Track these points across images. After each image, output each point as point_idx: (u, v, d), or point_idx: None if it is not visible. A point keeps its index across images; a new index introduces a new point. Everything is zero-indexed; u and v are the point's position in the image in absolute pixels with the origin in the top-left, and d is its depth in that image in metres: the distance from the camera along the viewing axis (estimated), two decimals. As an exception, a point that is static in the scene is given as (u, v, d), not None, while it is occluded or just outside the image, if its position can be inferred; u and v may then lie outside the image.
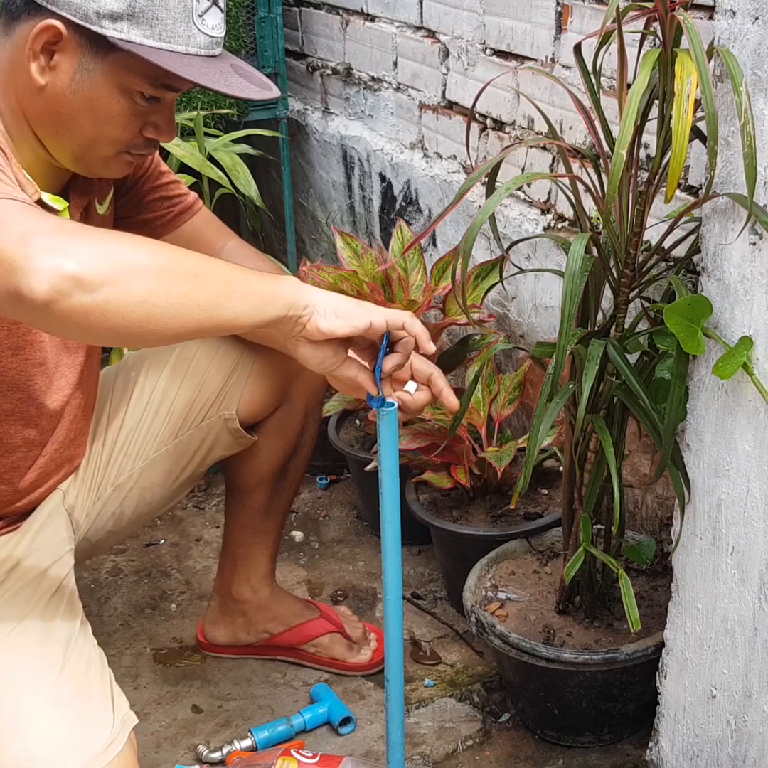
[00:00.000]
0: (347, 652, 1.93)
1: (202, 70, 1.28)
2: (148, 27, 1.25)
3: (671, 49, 1.25)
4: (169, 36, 1.26)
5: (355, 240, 2.29)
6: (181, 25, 1.26)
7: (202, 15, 1.28)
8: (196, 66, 1.27)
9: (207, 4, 1.29)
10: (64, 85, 1.29)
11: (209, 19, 1.29)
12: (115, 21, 1.24)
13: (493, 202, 1.33)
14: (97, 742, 1.24)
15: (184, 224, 1.65)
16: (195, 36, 1.28)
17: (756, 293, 1.26)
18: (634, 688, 1.67)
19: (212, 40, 1.30)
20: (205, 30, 1.29)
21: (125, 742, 1.27)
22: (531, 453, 1.45)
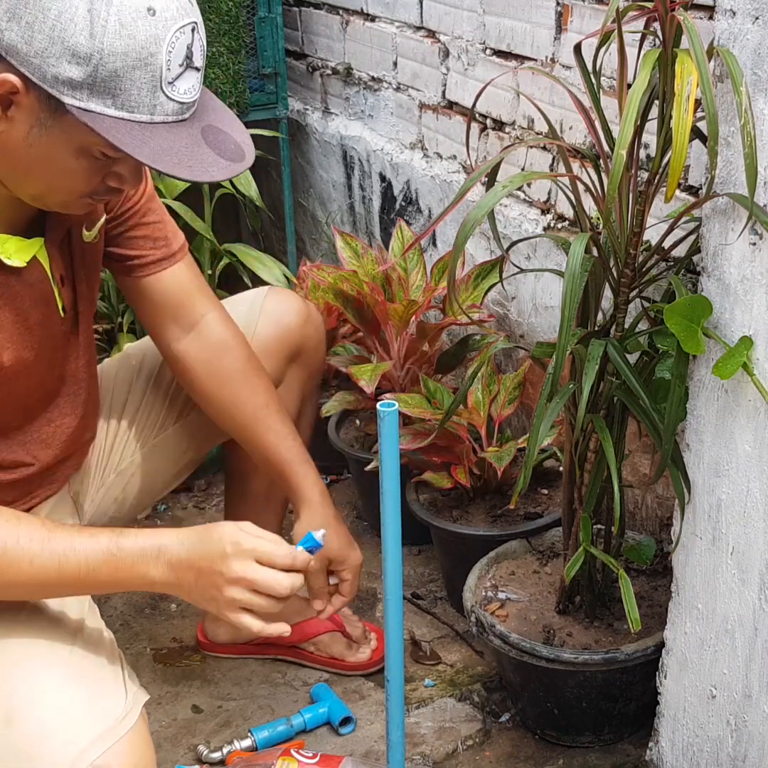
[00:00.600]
0: (347, 651, 1.93)
1: (164, 146, 1.17)
2: (110, 96, 1.14)
3: (671, 49, 1.25)
4: (133, 106, 1.15)
5: (355, 240, 2.29)
6: (147, 96, 1.15)
7: (173, 81, 1.16)
8: (157, 139, 1.17)
9: (179, 69, 1.17)
10: (20, 138, 1.19)
11: (181, 84, 1.17)
12: (74, 89, 1.13)
13: (490, 199, 1.33)
14: (111, 716, 1.25)
15: (162, 272, 1.57)
16: (162, 104, 1.17)
17: (756, 293, 1.26)
18: (634, 688, 1.67)
19: (182, 105, 1.19)
20: (175, 96, 1.17)
21: (138, 717, 1.27)
22: (531, 453, 1.45)
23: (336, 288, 2.17)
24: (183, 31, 1.16)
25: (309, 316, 1.82)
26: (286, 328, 1.77)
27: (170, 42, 1.15)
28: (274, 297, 1.80)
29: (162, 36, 1.14)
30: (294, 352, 1.79)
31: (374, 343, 2.20)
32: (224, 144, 1.23)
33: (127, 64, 1.13)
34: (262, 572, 1.27)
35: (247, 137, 1.27)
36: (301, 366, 1.81)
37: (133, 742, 1.24)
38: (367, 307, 2.16)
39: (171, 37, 1.15)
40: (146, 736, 1.28)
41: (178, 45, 1.15)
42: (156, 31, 1.13)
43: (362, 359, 2.21)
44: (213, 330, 1.62)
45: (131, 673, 1.35)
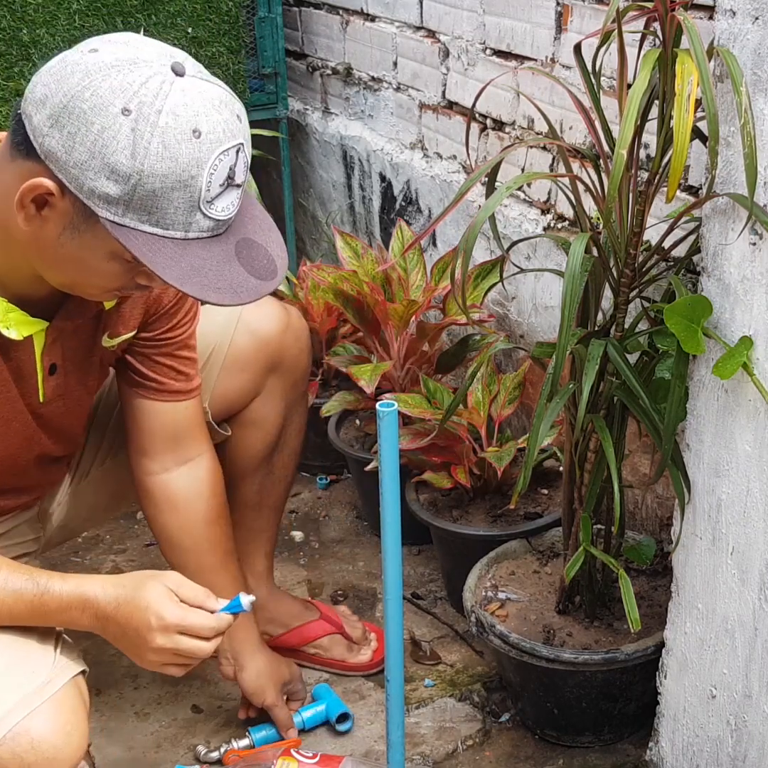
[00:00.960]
0: (347, 653, 1.93)
1: (194, 265, 1.15)
2: (146, 214, 1.12)
3: (671, 49, 1.25)
4: (168, 224, 1.13)
5: (355, 240, 2.29)
6: (184, 215, 1.13)
7: (212, 201, 1.14)
8: (189, 258, 1.15)
9: (219, 190, 1.14)
10: (52, 237, 1.17)
11: (220, 202, 1.15)
12: (110, 204, 1.11)
13: (493, 202, 1.33)
14: (32, 683, 1.25)
15: (176, 403, 1.57)
16: (198, 222, 1.15)
17: (756, 293, 1.26)
18: (634, 688, 1.67)
19: (218, 223, 1.16)
20: (212, 215, 1.15)
21: (66, 682, 1.27)
22: (531, 453, 1.45)
23: (336, 288, 2.17)
24: (227, 153, 1.13)
25: (288, 324, 1.77)
26: (263, 339, 1.73)
27: (213, 165, 1.12)
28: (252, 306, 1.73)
29: (205, 159, 1.11)
30: (273, 363, 1.75)
31: (374, 343, 2.19)
32: (257, 260, 1.20)
33: (166, 186, 1.11)
34: (185, 642, 1.31)
35: (281, 249, 1.24)
36: (282, 376, 1.77)
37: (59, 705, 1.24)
38: (367, 307, 2.16)
39: (214, 160, 1.12)
40: (75, 703, 1.27)
41: (221, 167, 1.13)
42: (199, 155, 1.11)
43: (362, 359, 2.21)
44: (204, 470, 1.64)
45: (70, 646, 1.34)
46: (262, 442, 1.81)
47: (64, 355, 1.39)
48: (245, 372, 1.72)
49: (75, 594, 1.29)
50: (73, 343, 1.40)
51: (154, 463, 1.61)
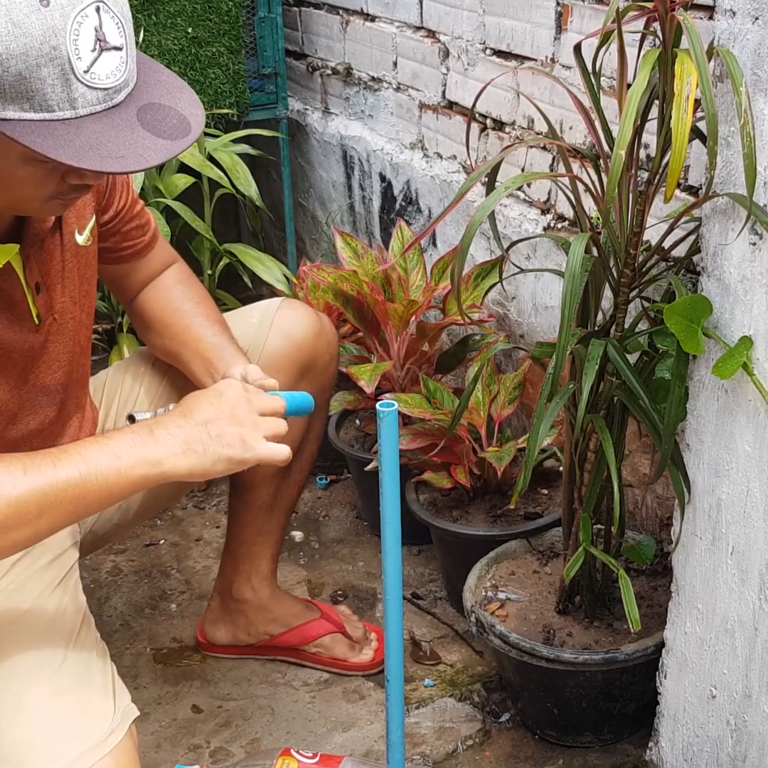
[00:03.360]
0: (349, 652, 1.93)
1: (91, 140, 1.10)
2: (26, 100, 1.06)
3: (671, 49, 1.25)
4: (51, 105, 1.07)
5: (355, 240, 2.29)
6: (63, 90, 1.07)
7: (89, 69, 1.09)
8: (85, 134, 1.09)
9: (92, 55, 1.08)
10: None
11: (100, 69, 1.09)
12: None
13: (491, 201, 1.33)
14: (97, 732, 1.24)
15: (150, 252, 1.63)
16: (84, 95, 1.09)
17: (756, 293, 1.26)
18: (634, 688, 1.67)
19: (107, 91, 1.11)
20: (96, 84, 1.09)
21: (125, 733, 1.26)
22: (531, 453, 1.45)
23: (336, 288, 2.17)
24: (85, 14, 1.08)
25: (321, 330, 1.77)
26: (296, 342, 1.73)
27: (72, 30, 1.07)
28: (286, 309, 1.76)
29: (60, 26, 1.06)
30: (305, 367, 1.75)
31: (374, 343, 2.20)
32: (165, 121, 1.15)
33: (30, 64, 1.05)
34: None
35: (195, 107, 1.19)
36: (312, 380, 1.76)
37: (117, 760, 1.23)
38: (367, 307, 2.16)
39: (72, 24, 1.07)
40: (133, 754, 1.27)
41: (83, 30, 1.08)
42: (53, 23, 1.05)
43: (362, 359, 2.21)
44: (168, 274, 1.69)
45: (122, 688, 1.33)
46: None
47: (42, 272, 1.39)
48: (279, 374, 1.70)
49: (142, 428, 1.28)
50: (46, 258, 1.39)
51: (134, 296, 1.68)
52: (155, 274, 1.67)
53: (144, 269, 1.65)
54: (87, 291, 1.51)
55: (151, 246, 1.63)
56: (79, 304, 1.48)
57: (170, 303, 1.66)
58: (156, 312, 1.67)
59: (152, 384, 1.72)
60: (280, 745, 1.75)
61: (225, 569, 1.94)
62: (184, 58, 2.51)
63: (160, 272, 1.68)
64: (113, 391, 1.72)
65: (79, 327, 1.50)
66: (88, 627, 1.41)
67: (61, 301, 1.44)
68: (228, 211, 3.03)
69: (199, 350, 1.60)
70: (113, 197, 1.53)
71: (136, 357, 1.78)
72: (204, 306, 1.67)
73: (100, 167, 1.10)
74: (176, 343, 1.64)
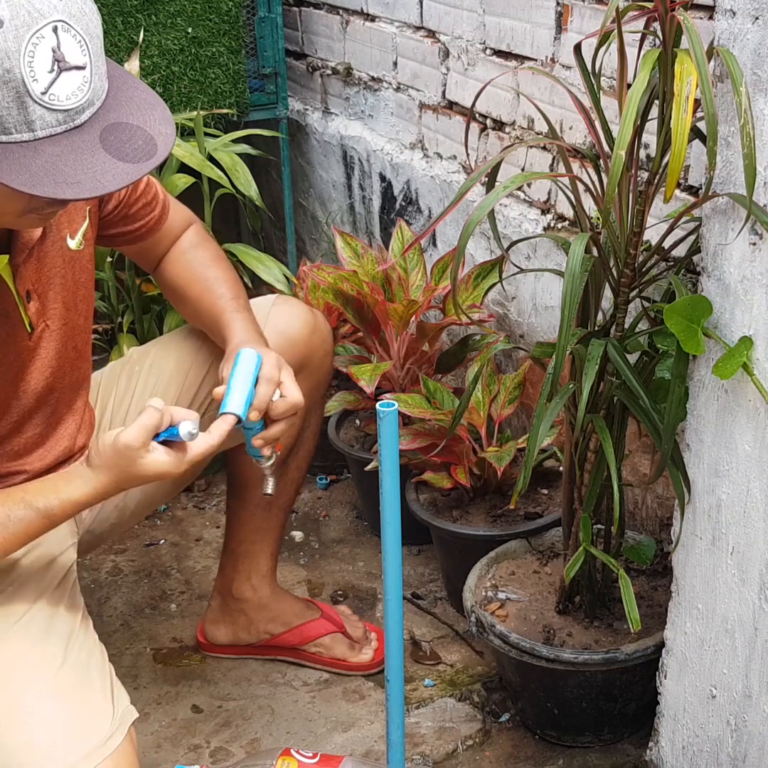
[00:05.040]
0: (349, 652, 1.93)
1: (46, 165, 1.07)
2: None
3: (671, 49, 1.25)
4: (8, 127, 1.05)
5: (355, 240, 2.29)
6: (18, 113, 1.05)
7: (47, 91, 1.06)
8: (42, 158, 1.07)
9: (50, 76, 1.06)
10: None
11: (59, 90, 1.07)
12: None
13: (490, 201, 1.33)
14: (96, 735, 1.24)
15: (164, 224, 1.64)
16: (42, 117, 1.06)
17: (756, 293, 1.26)
18: (634, 688, 1.67)
19: (68, 112, 1.08)
20: (56, 106, 1.07)
21: (124, 736, 1.27)
22: (531, 453, 1.45)
23: (336, 288, 2.17)
24: (41, 35, 1.05)
25: (316, 326, 1.78)
26: (291, 339, 1.73)
27: (27, 52, 1.04)
28: (281, 306, 1.76)
29: (14, 48, 1.03)
30: (299, 363, 1.74)
31: (374, 343, 2.20)
32: (128, 143, 1.12)
33: None
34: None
35: (166, 125, 1.16)
36: (307, 377, 1.75)
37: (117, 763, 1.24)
38: (367, 307, 2.16)
39: (27, 46, 1.04)
40: (132, 757, 1.27)
41: (39, 52, 1.05)
42: (6, 45, 1.03)
43: (362, 359, 2.21)
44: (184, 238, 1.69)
45: (120, 689, 1.34)
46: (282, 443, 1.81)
47: (33, 279, 1.39)
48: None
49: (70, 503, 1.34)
50: (36, 266, 1.39)
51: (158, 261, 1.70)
52: (175, 240, 1.68)
53: (162, 240, 1.66)
54: (84, 296, 1.50)
55: (163, 219, 1.63)
56: (75, 309, 1.48)
57: (185, 269, 1.67)
58: (175, 281, 1.69)
59: (147, 384, 1.72)
60: (280, 745, 1.75)
61: (225, 568, 1.94)
62: (184, 58, 2.51)
63: (178, 237, 1.68)
64: (108, 392, 1.72)
65: (75, 332, 1.49)
66: (87, 628, 1.41)
67: (53, 307, 1.43)
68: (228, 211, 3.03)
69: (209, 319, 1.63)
70: None
71: (130, 357, 1.78)
72: (216, 268, 1.68)
73: (53, 194, 1.07)
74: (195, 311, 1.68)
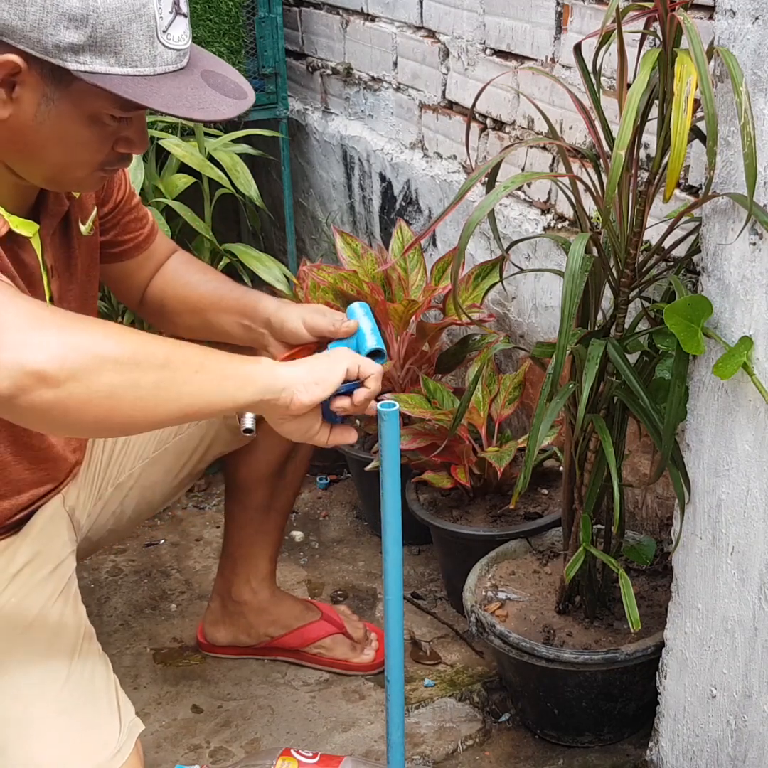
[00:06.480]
0: (350, 652, 1.93)
1: (173, 93, 1.20)
2: (112, 55, 1.16)
3: (671, 49, 1.25)
4: (135, 60, 1.17)
5: (355, 240, 2.29)
6: (147, 47, 1.18)
7: (167, 30, 1.19)
8: (166, 88, 1.20)
9: (170, 17, 1.20)
10: (29, 117, 1.20)
11: (174, 31, 1.20)
12: (77, 53, 1.15)
13: (489, 201, 1.33)
14: (104, 751, 1.25)
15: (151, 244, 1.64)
16: (161, 54, 1.19)
17: (756, 293, 1.26)
18: (634, 688, 1.67)
19: (179, 53, 1.22)
20: (172, 45, 1.20)
21: (132, 750, 1.27)
22: (531, 453, 1.45)
23: (336, 288, 2.17)
24: None
25: None
26: None
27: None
28: None
29: None
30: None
31: (374, 343, 2.19)
32: (225, 85, 1.27)
33: (123, 18, 1.15)
34: None
35: (240, 77, 1.31)
36: None
37: None
38: (367, 307, 2.15)
39: None
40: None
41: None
42: None
43: (362, 359, 2.20)
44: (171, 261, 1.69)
45: (126, 701, 1.34)
46: (281, 448, 1.81)
47: (55, 257, 1.41)
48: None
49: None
50: (58, 243, 1.42)
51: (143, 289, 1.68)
52: (159, 265, 1.68)
53: (147, 263, 1.66)
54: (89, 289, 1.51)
55: (151, 238, 1.64)
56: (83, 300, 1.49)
57: (179, 280, 1.67)
58: (168, 293, 1.67)
59: None
60: (280, 745, 1.75)
61: (224, 571, 1.94)
62: (184, 58, 2.51)
63: (162, 263, 1.69)
64: None
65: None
66: (90, 639, 1.41)
67: (70, 288, 1.45)
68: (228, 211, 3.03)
69: (223, 307, 1.61)
70: (112, 189, 1.54)
71: None
72: (212, 273, 1.70)
73: (188, 114, 1.20)
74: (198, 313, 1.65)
